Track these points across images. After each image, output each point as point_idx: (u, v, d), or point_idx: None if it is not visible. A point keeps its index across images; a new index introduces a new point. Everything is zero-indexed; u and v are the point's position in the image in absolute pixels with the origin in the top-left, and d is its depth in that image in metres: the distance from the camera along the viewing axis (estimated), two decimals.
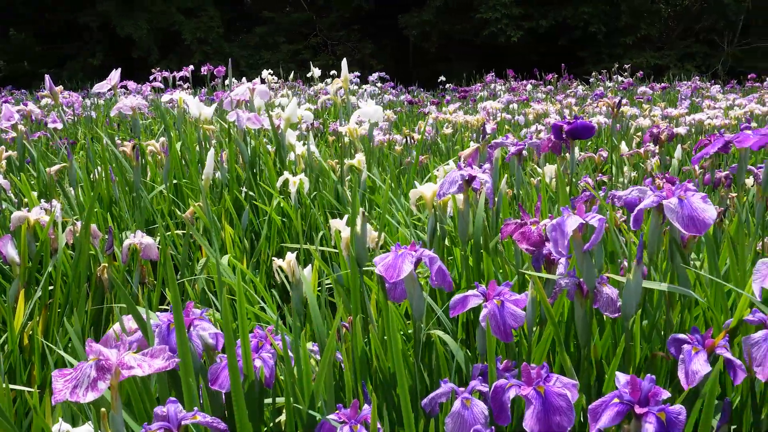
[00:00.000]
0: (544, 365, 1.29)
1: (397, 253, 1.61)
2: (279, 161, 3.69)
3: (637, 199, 1.66)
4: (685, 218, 1.43)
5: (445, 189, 1.87)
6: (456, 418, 1.44)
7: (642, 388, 1.16)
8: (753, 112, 6.87)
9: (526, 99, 9.18)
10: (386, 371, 1.70)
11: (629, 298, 1.41)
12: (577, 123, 2.16)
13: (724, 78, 16.37)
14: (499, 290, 1.60)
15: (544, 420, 1.21)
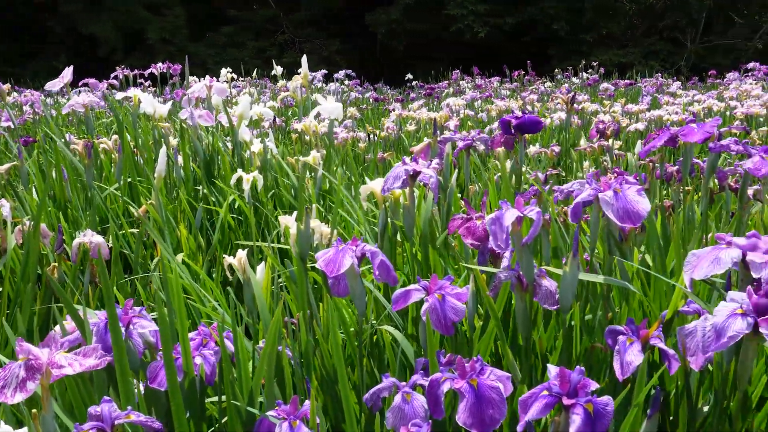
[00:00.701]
0: (478, 358, 1.29)
1: (338, 248, 1.60)
2: (237, 159, 3.66)
3: (578, 193, 1.67)
4: (620, 210, 1.44)
5: (389, 184, 1.87)
6: (396, 413, 1.44)
7: (571, 380, 1.16)
8: (711, 108, 6.98)
9: (490, 95, 9.23)
10: (329, 367, 1.69)
11: (566, 290, 1.42)
12: (524, 118, 2.17)
13: (687, 75, 16.61)
14: (441, 284, 1.60)
15: (477, 413, 1.21)
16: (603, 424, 1.14)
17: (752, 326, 1.11)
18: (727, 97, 7.81)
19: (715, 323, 1.14)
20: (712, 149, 1.71)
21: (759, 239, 1.24)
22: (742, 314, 1.12)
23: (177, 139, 4.05)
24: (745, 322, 1.11)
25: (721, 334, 1.12)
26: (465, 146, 2.22)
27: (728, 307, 1.14)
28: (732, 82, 10.46)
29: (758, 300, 1.12)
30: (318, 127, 3.74)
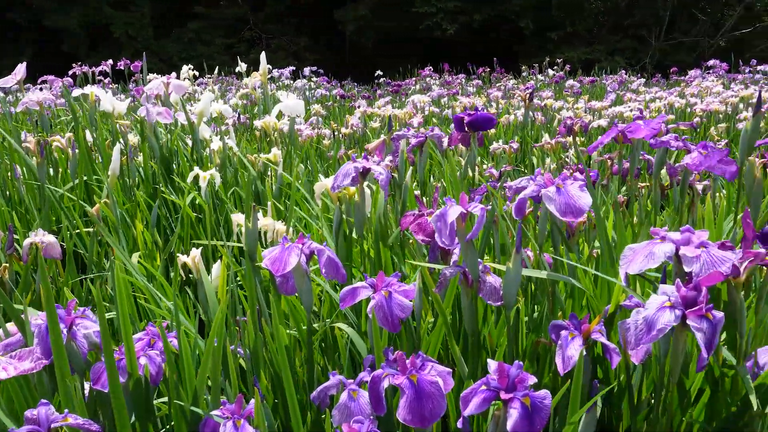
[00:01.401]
0: (420, 354, 1.30)
1: (284, 246, 1.60)
2: (196, 156, 3.63)
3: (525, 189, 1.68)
4: (562, 205, 1.46)
5: (338, 182, 1.86)
6: (342, 410, 1.44)
7: (509, 375, 1.17)
8: (672, 104, 7.08)
9: (456, 92, 9.26)
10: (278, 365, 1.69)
11: (509, 286, 1.43)
12: (477, 115, 2.18)
13: (652, 72, 16.82)
14: (388, 281, 1.60)
15: (417, 409, 1.22)
16: (541, 418, 1.15)
17: (680, 318, 1.13)
18: (688, 93, 7.92)
19: (646, 316, 1.16)
20: (652, 145, 1.74)
21: (692, 234, 1.26)
22: (670, 307, 1.14)
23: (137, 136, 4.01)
24: (673, 314, 1.13)
25: (652, 327, 1.14)
26: (417, 143, 2.22)
27: (658, 300, 1.16)
28: (694, 79, 10.61)
29: (687, 293, 1.14)
30: (277, 125, 3.72)
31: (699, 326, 1.11)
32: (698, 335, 1.10)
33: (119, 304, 1.45)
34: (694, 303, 1.13)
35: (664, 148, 1.81)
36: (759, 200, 1.50)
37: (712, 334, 1.11)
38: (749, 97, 6.94)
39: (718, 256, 1.21)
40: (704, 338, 1.10)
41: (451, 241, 1.52)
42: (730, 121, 6.56)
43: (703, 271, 1.20)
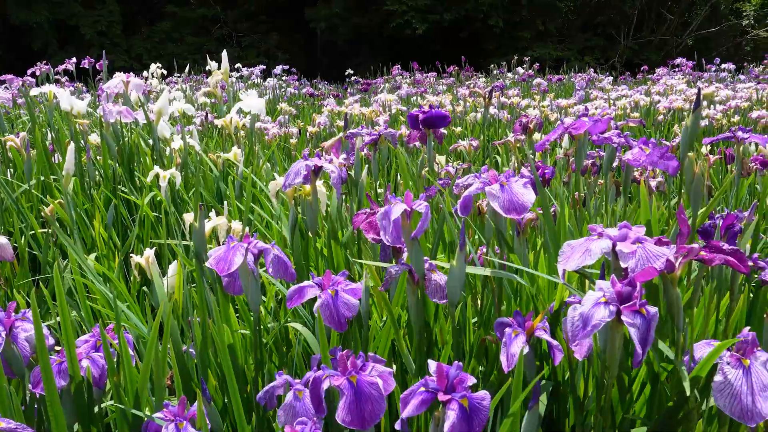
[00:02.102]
0: (360, 355, 1.29)
1: (230, 245, 1.58)
2: (157, 156, 3.59)
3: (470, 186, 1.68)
4: (505, 202, 1.46)
5: (290, 180, 1.85)
6: (288, 410, 1.42)
7: (448, 376, 1.17)
8: (638, 102, 7.15)
9: (425, 91, 9.27)
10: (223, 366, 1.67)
11: (453, 284, 1.43)
12: (431, 112, 2.18)
13: (621, 70, 16.98)
14: (335, 280, 1.59)
15: (356, 410, 1.21)
16: (480, 419, 1.15)
17: (615, 314, 1.14)
18: (654, 91, 8.00)
19: (582, 312, 1.16)
20: (595, 142, 1.75)
21: (629, 230, 1.27)
22: (605, 303, 1.14)
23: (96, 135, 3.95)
24: (607, 310, 1.13)
25: (587, 323, 1.14)
26: (371, 141, 2.21)
27: (594, 296, 1.16)
28: (661, 77, 10.73)
29: (621, 288, 1.15)
30: (240, 123, 3.69)
31: (633, 322, 1.11)
32: (632, 330, 1.11)
33: (60, 305, 1.43)
34: (629, 298, 1.14)
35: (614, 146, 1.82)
36: (698, 195, 1.51)
37: (646, 330, 1.12)
38: (711, 95, 7.03)
39: (653, 252, 1.21)
40: (638, 334, 1.11)
41: (396, 239, 1.51)
42: None
43: (638, 267, 1.20)
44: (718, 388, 1.18)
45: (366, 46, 21.90)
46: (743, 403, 1.17)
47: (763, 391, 1.17)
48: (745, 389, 1.17)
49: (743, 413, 1.17)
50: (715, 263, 1.19)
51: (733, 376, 1.18)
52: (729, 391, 1.18)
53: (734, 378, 1.18)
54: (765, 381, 1.18)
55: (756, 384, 1.17)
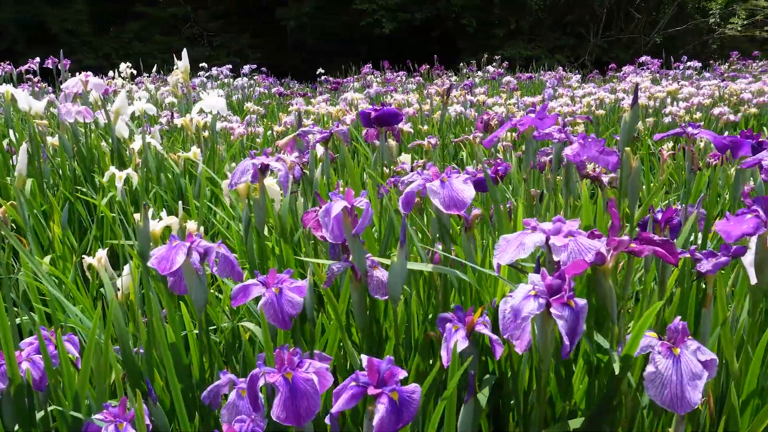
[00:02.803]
0: (297, 351, 1.29)
1: (172, 244, 1.57)
2: (116, 156, 3.55)
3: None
4: (446, 198, 1.47)
5: (236, 179, 1.84)
6: (231, 409, 1.42)
7: (379, 370, 1.17)
8: (603, 99, 7.23)
9: (393, 90, 9.28)
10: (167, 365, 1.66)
11: (394, 280, 1.43)
12: (383, 110, 2.18)
13: (590, 68, 17.13)
14: (280, 278, 1.58)
15: (292, 407, 1.21)
16: (410, 412, 1.15)
17: (544, 306, 1.15)
18: (619, 89, 8.09)
19: (513, 305, 1.17)
20: (536, 137, 1.77)
21: (563, 223, 1.28)
22: (534, 296, 1.15)
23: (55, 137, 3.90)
24: (536, 303, 1.15)
25: (517, 316, 1.15)
26: (322, 139, 2.21)
27: (524, 289, 1.17)
28: (628, 75, 10.85)
29: (551, 281, 1.16)
30: (201, 123, 3.67)
31: (561, 314, 1.12)
32: (560, 323, 1.12)
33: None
34: (560, 291, 1.15)
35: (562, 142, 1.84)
36: (636, 190, 1.53)
37: (574, 322, 1.13)
38: (676, 92, 7.12)
39: (585, 245, 1.23)
40: (566, 326, 1.12)
41: (338, 236, 1.51)
42: (658, 115, 6.73)
43: (570, 260, 1.21)
44: (649, 378, 1.20)
45: (338, 45, 21.86)
46: (673, 392, 1.18)
47: (692, 380, 1.19)
48: (675, 378, 1.19)
49: (673, 402, 1.18)
50: (644, 254, 1.20)
51: (664, 366, 1.20)
52: (659, 381, 1.20)
53: (664, 368, 1.20)
54: (694, 369, 1.20)
55: (685, 373, 1.19)
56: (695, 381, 1.19)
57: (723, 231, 1.44)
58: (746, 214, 1.45)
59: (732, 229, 1.43)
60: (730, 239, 1.42)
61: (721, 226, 1.45)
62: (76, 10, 21.54)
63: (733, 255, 1.51)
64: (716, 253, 1.49)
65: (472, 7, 21.21)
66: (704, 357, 1.22)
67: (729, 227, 1.44)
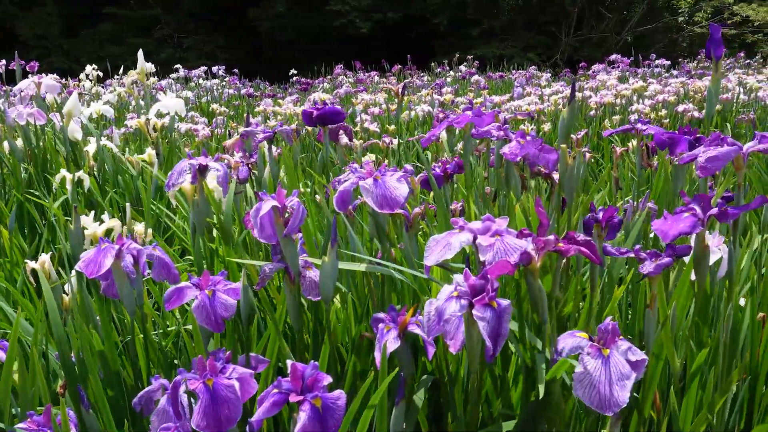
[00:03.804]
0: (219, 356, 1.25)
1: (100, 247, 1.53)
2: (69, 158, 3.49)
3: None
4: (379, 197, 1.44)
5: (173, 180, 1.80)
6: (161, 415, 1.38)
7: (303, 376, 1.14)
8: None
9: (363, 90, 9.26)
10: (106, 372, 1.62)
11: (325, 280, 1.40)
12: (325, 109, 2.16)
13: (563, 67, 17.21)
14: (214, 280, 1.55)
15: (212, 414, 1.18)
16: (335, 419, 1.13)
17: (466, 308, 1.12)
18: (587, 87, 8.12)
19: (437, 306, 1.15)
20: (474, 135, 1.75)
21: (492, 222, 1.26)
22: (456, 297, 1.13)
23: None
24: (458, 304, 1.12)
25: (440, 317, 1.13)
26: (264, 138, 2.18)
27: (448, 290, 1.15)
28: (598, 73, 10.91)
29: (474, 282, 1.14)
30: (159, 124, 3.61)
31: (482, 315, 1.10)
32: (481, 324, 1.10)
33: None
34: (483, 292, 1.13)
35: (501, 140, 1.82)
36: (573, 187, 1.51)
37: (497, 323, 1.11)
38: (642, 90, 7.16)
39: (511, 245, 1.21)
40: (488, 328, 1.10)
41: (270, 236, 1.48)
42: (624, 113, 6.75)
43: (496, 260, 1.19)
44: (578, 379, 1.18)
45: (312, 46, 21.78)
46: (601, 393, 1.17)
47: (620, 380, 1.17)
48: (604, 379, 1.17)
49: (601, 403, 1.16)
50: (570, 254, 1.19)
51: (593, 367, 1.18)
52: (588, 381, 1.18)
53: (593, 368, 1.18)
54: (623, 370, 1.18)
55: (614, 373, 1.17)
56: (623, 381, 1.17)
57: (659, 230, 1.42)
58: (684, 212, 1.44)
59: (669, 229, 1.41)
60: (666, 239, 1.41)
61: (658, 226, 1.44)
62: (47, 12, 21.30)
63: (677, 254, 1.50)
64: (660, 254, 1.47)
65: (446, 6, 21.23)
66: (635, 357, 1.21)
67: (666, 226, 1.42)
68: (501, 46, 21.13)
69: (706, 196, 1.45)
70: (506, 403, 1.45)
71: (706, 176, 1.43)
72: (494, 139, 1.72)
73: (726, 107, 6.79)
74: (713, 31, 1.80)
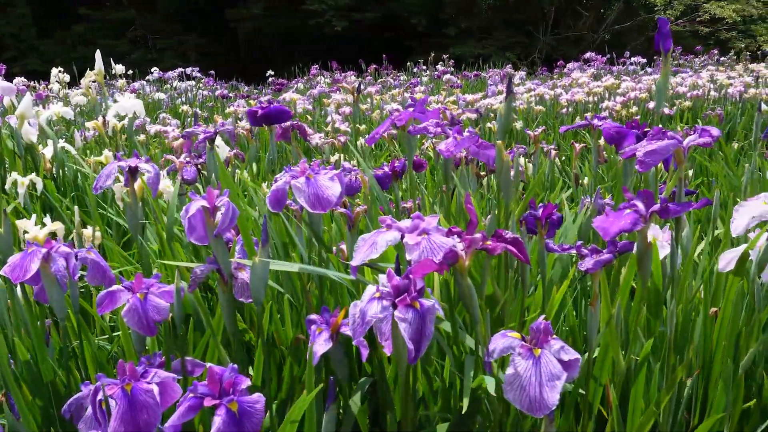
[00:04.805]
0: (142, 360, 1.21)
1: (27, 251, 1.48)
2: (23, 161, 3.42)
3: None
4: (311, 197, 1.40)
5: (101, 182, 1.75)
6: (88, 422, 1.33)
7: (221, 379, 1.10)
8: (542, 95, 7.26)
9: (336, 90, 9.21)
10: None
11: (256, 282, 1.36)
12: (270, 108, 2.12)
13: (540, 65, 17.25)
14: (148, 283, 1.51)
15: (130, 420, 1.14)
16: (252, 423, 1.09)
17: (388, 309, 1.09)
18: (560, 85, 8.13)
19: (361, 308, 1.11)
20: (411, 132, 1.71)
21: (422, 220, 1.23)
22: (378, 298, 1.10)
23: None
24: (380, 305, 1.09)
25: (363, 318, 1.10)
26: (205, 138, 2.14)
27: (371, 291, 1.12)
28: (572, 71, 10.93)
29: (398, 282, 1.10)
30: (118, 126, 3.55)
31: (404, 317, 1.07)
32: (402, 326, 1.06)
33: None
34: (405, 291, 1.10)
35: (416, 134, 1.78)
36: (509, 184, 1.48)
37: (419, 325, 1.07)
38: (614, 87, 7.18)
39: (438, 243, 1.17)
40: (409, 329, 1.07)
41: (202, 237, 1.45)
42: (596, 110, 6.76)
43: (421, 259, 1.16)
44: (509, 381, 1.14)
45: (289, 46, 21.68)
46: (531, 395, 1.13)
47: (550, 381, 1.14)
48: (534, 380, 1.14)
49: (531, 405, 1.13)
50: (497, 252, 1.16)
51: (523, 368, 1.15)
52: (518, 384, 1.15)
53: (524, 369, 1.15)
54: (554, 370, 1.15)
55: (544, 374, 1.14)
56: (554, 382, 1.14)
57: (600, 228, 1.40)
58: (626, 209, 1.42)
59: (609, 226, 1.39)
60: (607, 236, 1.39)
61: (599, 223, 1.41)
62: (20, 13, 21.06)
63: (620, 251, 1.47)
64: (600, 250, 1.45)
65: (423, 7, 21.22)
66: (568, 356, 1.18)
67: (606, 223, 1.40)
68: (479, 46, 21.15)
69: (650, 192, 1.43)
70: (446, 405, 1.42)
71: (646, 171, 1.40)
72: (431, 135, 1.69)
73: (696, 104, 6.82)
74: (661, 24, 1.78)
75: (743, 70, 10.94)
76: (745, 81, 8.11)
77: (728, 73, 10.22)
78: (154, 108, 9.46)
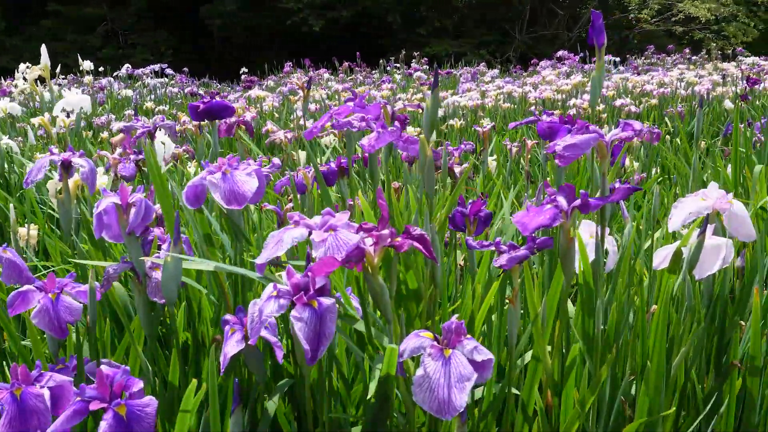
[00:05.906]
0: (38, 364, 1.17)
1: None
2: None
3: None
4: (226, 193, 1.36)
5: (32, 176, 1.69)
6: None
7: (111, 381, 1.06)
8: (511, 93, 7.26)
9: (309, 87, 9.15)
10: None
11: (168, 281, 1.32)
12: (212, 103, 2.07)
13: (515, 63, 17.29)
14: (62, 283, 1.46)
15: (18, 426, 1.09)
16: (142, 427, 1.04)
17: (285, 308, 1.05)
18: (529, 83, 8.14)
19: (260, 306, 1.07)
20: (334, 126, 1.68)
21: (333, 216, 1.19)
22: (275, 296, 1.06)
23: None
24: (276, 304, 1.05)
25: (260, 317, 1.06)
26: (143, 133, 2.08)
27: (269, 289, 1.08)
28: (544, 69, 10.96)
29: (298, 280, 1.07)
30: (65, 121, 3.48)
31: (299, 316, 1.03)
32: (297, 326, 1.03)
33: None
34: (305, 289, 1.06)
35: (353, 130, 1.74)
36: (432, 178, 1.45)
37: (316, 324, 1.04)
38: (582, 85, 7.19)
39: (344, 240, 1.14)
40: (305, 329, 1.03)
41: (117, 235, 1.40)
42: (563, 108, 6.77)
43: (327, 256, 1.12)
44: (418, 383, 1.11)
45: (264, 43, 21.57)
46: (440, 398, 1.10)
47: (459, 382, 1.10)
48: (443, 382, 1.11)
49: (440, 407, 1.10)
50: (404, 249, 1.12)
51: (433, 369, 1.11)
52: (427, 385, 1.11)
53: (433, 370, 1.11)
54: (464, 371, 1.11)
55: (454, 375, 1.11)
56: (463, 383, 1.10)
57: (519, 223, 1.37)
58: (546, 204, 1.39)
59: (529, 221, 1.36)
60: (526, 231, 1.36)
61: (519, 218, 1.38)
62: None
63: (538, 247, 1.44)
64: (517, 246, 1.42)
65: (398, 4, 21.19)
66: (481, 357, 1.15)
67: (526, 219, 1.37)
68: (454, 44, 21.17)
69: (571, 187, 1.40)
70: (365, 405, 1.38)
71: (566, 165, 1.37)
72: (354, 130, 1.65)
73: (662, 102, 6.85)
74: (594, 18, 1.75)
75: (713, 68, 11.02)
76: (713, 79, 8.17)
77: (698, 71, 10.29)
78: (122, 106, 9.35)
